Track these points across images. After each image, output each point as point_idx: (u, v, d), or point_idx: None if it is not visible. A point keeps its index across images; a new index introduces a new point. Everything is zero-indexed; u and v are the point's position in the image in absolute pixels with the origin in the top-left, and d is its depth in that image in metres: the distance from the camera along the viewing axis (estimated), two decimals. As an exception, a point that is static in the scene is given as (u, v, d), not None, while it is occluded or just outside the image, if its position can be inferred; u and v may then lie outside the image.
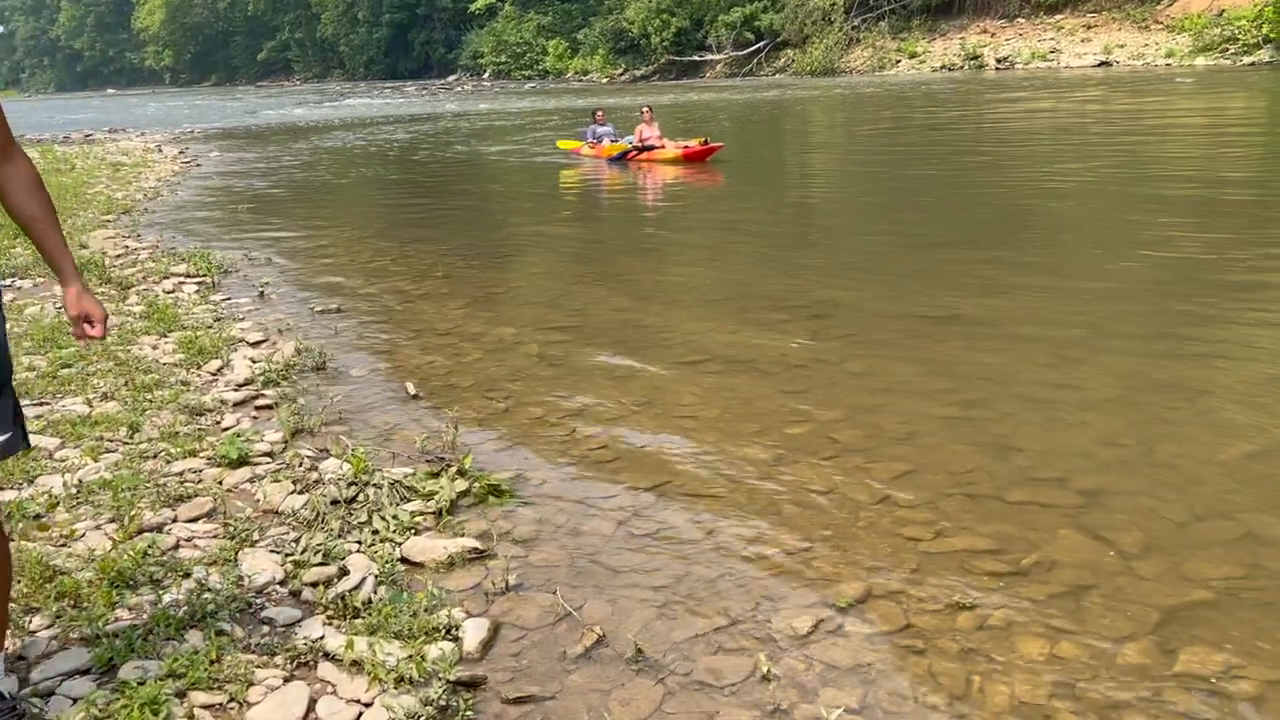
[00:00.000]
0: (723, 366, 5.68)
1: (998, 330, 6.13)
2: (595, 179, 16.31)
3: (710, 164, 16.01)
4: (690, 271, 8.58)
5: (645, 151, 16.83)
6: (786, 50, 50.95)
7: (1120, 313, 6.29)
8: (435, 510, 3.97)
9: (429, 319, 7.23)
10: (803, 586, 3.32)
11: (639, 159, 16.95)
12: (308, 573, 3.46)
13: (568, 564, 3.55)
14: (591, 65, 62.17)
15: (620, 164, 17.07)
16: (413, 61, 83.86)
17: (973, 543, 3.55)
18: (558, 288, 8.14)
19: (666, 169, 16.15)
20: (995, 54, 42.73)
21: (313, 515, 3.94)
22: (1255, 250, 7.87)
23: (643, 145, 16.92)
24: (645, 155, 16.84)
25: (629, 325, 6.75)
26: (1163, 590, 3.19)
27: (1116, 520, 3.66)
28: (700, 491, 4.08)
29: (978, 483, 4.03)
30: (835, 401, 5.04)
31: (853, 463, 4.28)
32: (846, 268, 8.21)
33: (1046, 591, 3.22)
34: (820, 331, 6.24)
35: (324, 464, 4.48)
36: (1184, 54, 35.77)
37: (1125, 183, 11.84)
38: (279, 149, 24.38)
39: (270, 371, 5.79)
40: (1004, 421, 4.68)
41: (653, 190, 14.61)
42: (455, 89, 61.50)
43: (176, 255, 9.75)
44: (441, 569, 3.53)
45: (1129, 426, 4.53)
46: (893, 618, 3.11)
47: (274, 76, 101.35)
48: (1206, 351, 5.51)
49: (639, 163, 16.91)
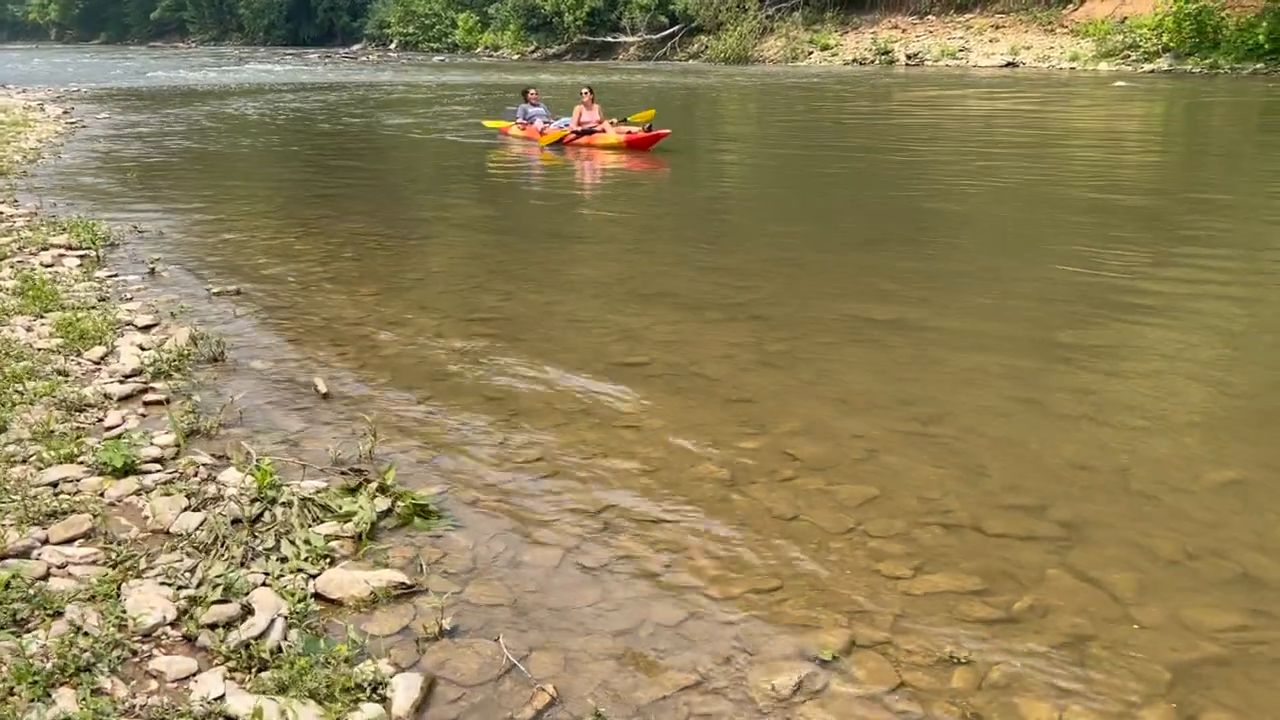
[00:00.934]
0: (664, 369, 5.29)
1: (944, 336, 5.86)
2: (523, 162, 15.43)
3: (654, 153, 14.92)
4: (619, 264, 8.16)
5: (584, 135, 15.73)
6: (701, 36, 50.65)
7: (1071, 321, 6.07)
8: (354, 534, 3.50)
9: (339, 305, 6.67)
10: (778, 634, 2.95)
11: (576, 143, 15.81)
12: (205, 612, 2.97)
13: (510, 603, 3.12)
14: (502, 41, 60.91)
15: (556, 147, 15.98)
16: (315, 29, 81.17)
17: (958, 582, 3.23)
18: (479, 274, 7.64)
19: (606, 155, 15.11)
20: (906, 50, 43.07)
21: (210, 538, 3.43)
22: (1185, 259, 7.79)
23: (581, 129, 15.81)
24: (584, 140, 15.73)
25: (558, 319, 6.31)
26: (1168, 643, 2.91)
27: (1105, 558, 3.39)
28: (652, 516, 3.69)
29: (952, 510, 3.72)
30: (787, 412, 4.69)
31: (814, 484, 3.93)
32: (779, 265, 7.87)
33: (1045, 642, 2.92)
34: (762, 334, 5.88)
35: (223, 474, 3.96)
36: (1088, 59, 36.52)
37: (1050, 184, 11.80)
38: (173, 113, 23.11)
39: (161, 362, 5.21)
40: (966, 439, 4.39)
41: (583, 176, 13.97)
42: (360, 59, 59.67)
43: (57, 224, 8.94)
44: (363, 608, 3.08)
45: (1098, 448, 4.27)
46: (883, 674, 2.76)
47: (168, 37, 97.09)
48: (1172, 368, 5.31)
49: (576, 147, 15.77)
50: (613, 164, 14.36)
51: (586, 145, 15.71)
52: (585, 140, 15.72)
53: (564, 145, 15.92)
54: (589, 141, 15.70)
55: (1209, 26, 33.03)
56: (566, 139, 15.87)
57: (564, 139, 15.89)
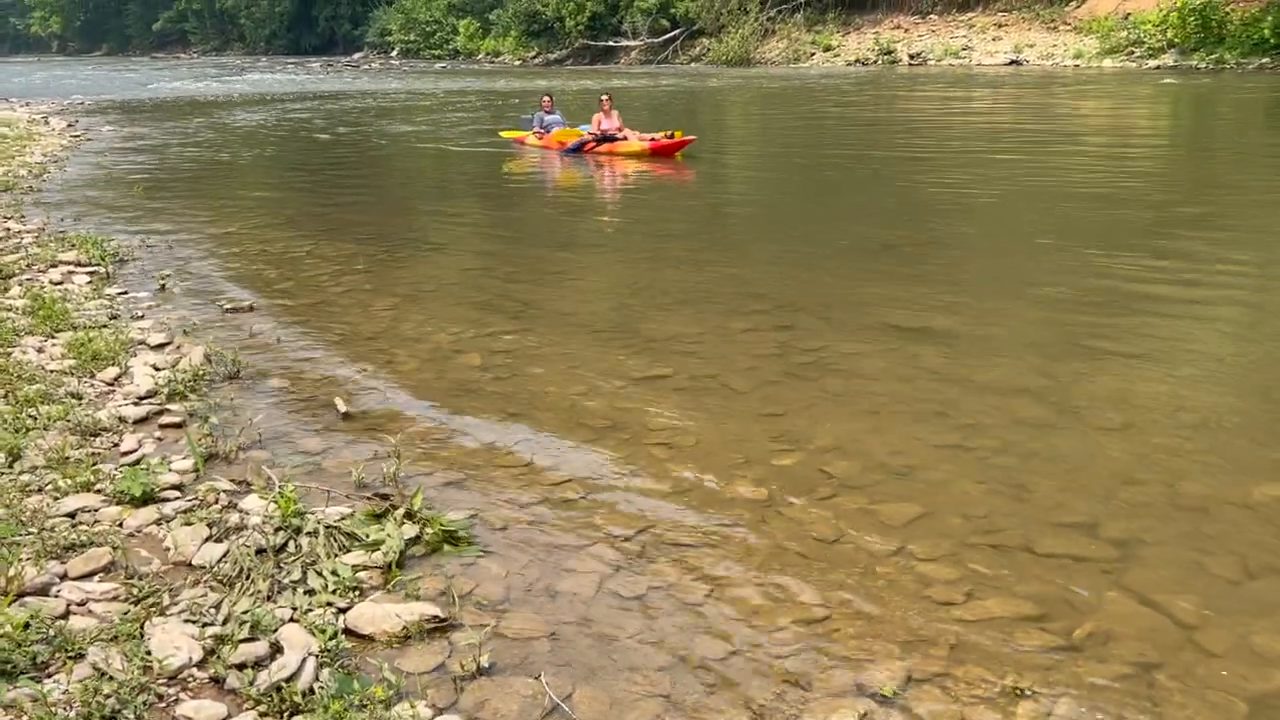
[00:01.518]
0: (690, 382, 5.17)
1: (975, 344, 5.73)
2: (541, 171, 15.04)
3: (680, 159, 14.46)
4: (635, 272, 8.03)
5: (605, 143, 15.17)
6: (702, 39, 50.55)
7: (1100, 325, 5.94)
8: (382, 564, 3.38)
9: (354, 320, 6.56)
10: (831, 667, 2.82)
11: (597, 151, 15.25)
12: (233, 652, 2.84)
13: (548, 636, 3.00)
14: (504, 47, 60.85)
15: (576, 156, 15.40)
16: (317, 37, 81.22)
17: (1013, 607, 3.10)
18: (494, 286, 7.51)
19: (628, 163, 14.55)
20: (909, 49, 42.94)
21: (235, 571, 3.31)
22: (1209, 258, 7.66)
23: (602, 136, 15.25)
24: (605, 147, 15.16)
25: (577, 331, 6.18)
26: (1239, 671, 2.78)
27: (1163, 579, 3.26)
28: (689, 539, 3.56)
29: (999, 529, 3.60)
30: (820, 427, 4.56)
31: (855, 503, 3.81)
32: (797, 271, 7.75)
33: (1109, 673, 2.79)
34: (786, 344, 5.76)
35: (245, 501, 3.84)
36: (1091, 55, 36.36)
37: (1065, 183, 11.66)
38: (178, 124, 23.04)
39: (176, 382, 5.10)
40: (1008, 452, 4.26)
41: (595, 183, 13.76)
42: (362, 67, 59.66)
43: (66, 240, 8.85)
44: (396, 644, 2.95)
45: (1142, 460, 4.14)
46: (945, 711, 2.63)
47: (170, 48, 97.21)
48: (1208, 372, 5.18)
49: (597, 155, 15.21)
50: (627, 171, 14.02)
51: (608, 153, 15.16)
52: (607, 148, 15.19)
53: (584, 154, 15.41)
54: (611, 149, 15.15)
55: (1214, 21, 32.86)
56: (587, 146, 15.37)
57: (584, 145, 15.39)
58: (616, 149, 15.07)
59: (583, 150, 15.41)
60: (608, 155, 15.12)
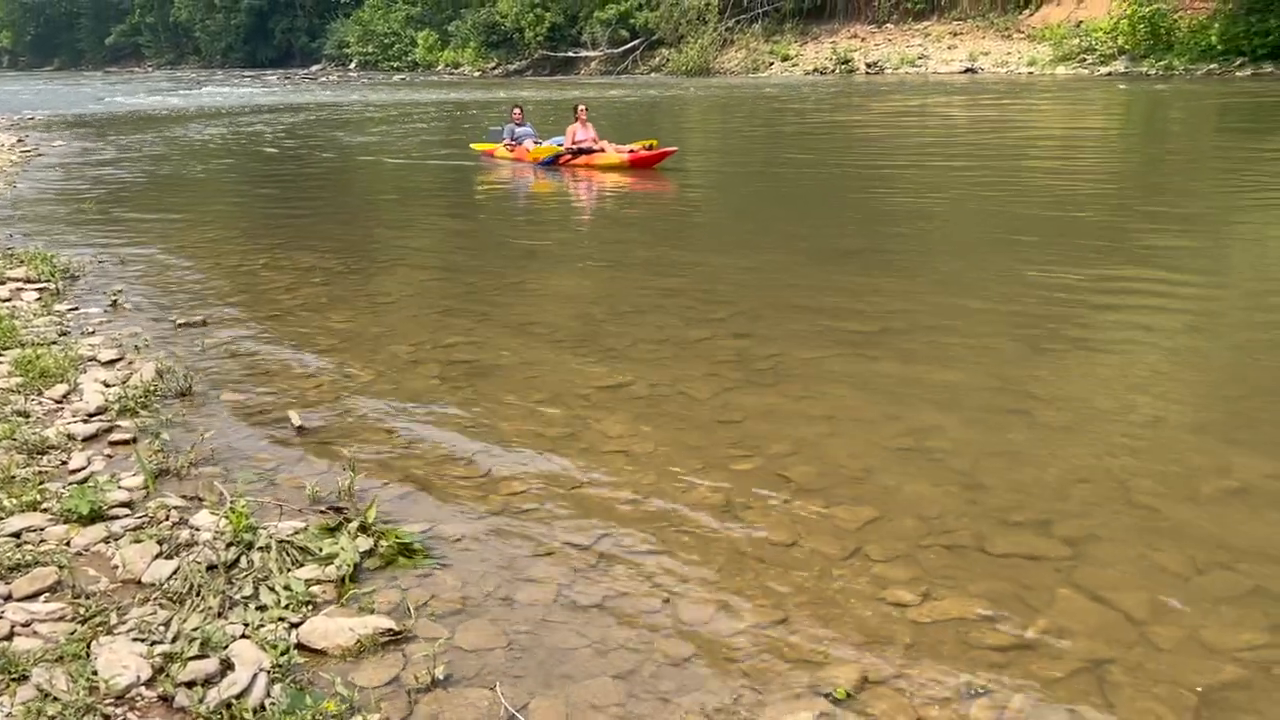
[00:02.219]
0: (648, 390, 5.16)
1: (930, 347, 5.77)
2: (506, 183, 14.80)
3: (658, 171, 14.12)
4: (594, 282, 8.03)
5: (581, 156, 14.70)
6: (662, 49, 50.77)
7: (1053, 327, 6.01)
8: (336, 578, 3.35)
9: (309, 333, 6.50)
10: (787, 669, 2.83)
11: (573, 164, 14.79)
12: (182, 669, 2.80)
13: (504, 646, 2.98)
14: (463, 58, 60.79)
15: (550, 169, 14.95)
16: (274, 50, 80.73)
17: (967, 608, 3.12)
18: (452, 297, 7.48)
19: (606, 176, 14.14)
20: (866, 59, 43.39)
21: (185, 588, 3.26)
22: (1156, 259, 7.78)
23: (578, 148, 14.78)
24: (582, 160, 14.69)
25: (536, 341, 6.16)
26: (1189, 665, 2.81)
27: (1114, 576, 3.29)
28: (647, 547, 3.56)
29: (953, 530, 3.62)
30: (777, 432, 4.57)
31: (813, 507, 3.82)
32: (756, 279, 7.78)
33: (1063, 669, 2.81)
34: (745, 351, 5.78)
35: (196, 517, 3.79)
36: (1045, 63, 36.94)
37: (1018, 187, 11.81)
38: (131, 139, 22.76)
39: (127, 398, 5.03)
40: (960, 453, 4.30)
41: (557, 195, 13.69)
42: (320, 79, 59.36)
43: (14, 257, 8.69)
44: (349, 658, 2.92)
45: (1094, 459, 4.19)
46: (899, 711, 2.64)
47: (124, 62, 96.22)
48: (1159, 372, 5.25)
49: (574, 168, 14.78)
50: (601, 184, 13.73)
51: (585, 166, 14.74)
52: (583, 160, 14.74)
53: (559, 166, 14.96)
54: (588, 162, 14.71)
55: (1162, 29, 33.49)
56: (562, 159, 14.91)
57: (559, 158, 14.94)
58: (594, 161, 14.66)
59: (558, 163, 14.98)
60: (585, 168, 14.72)
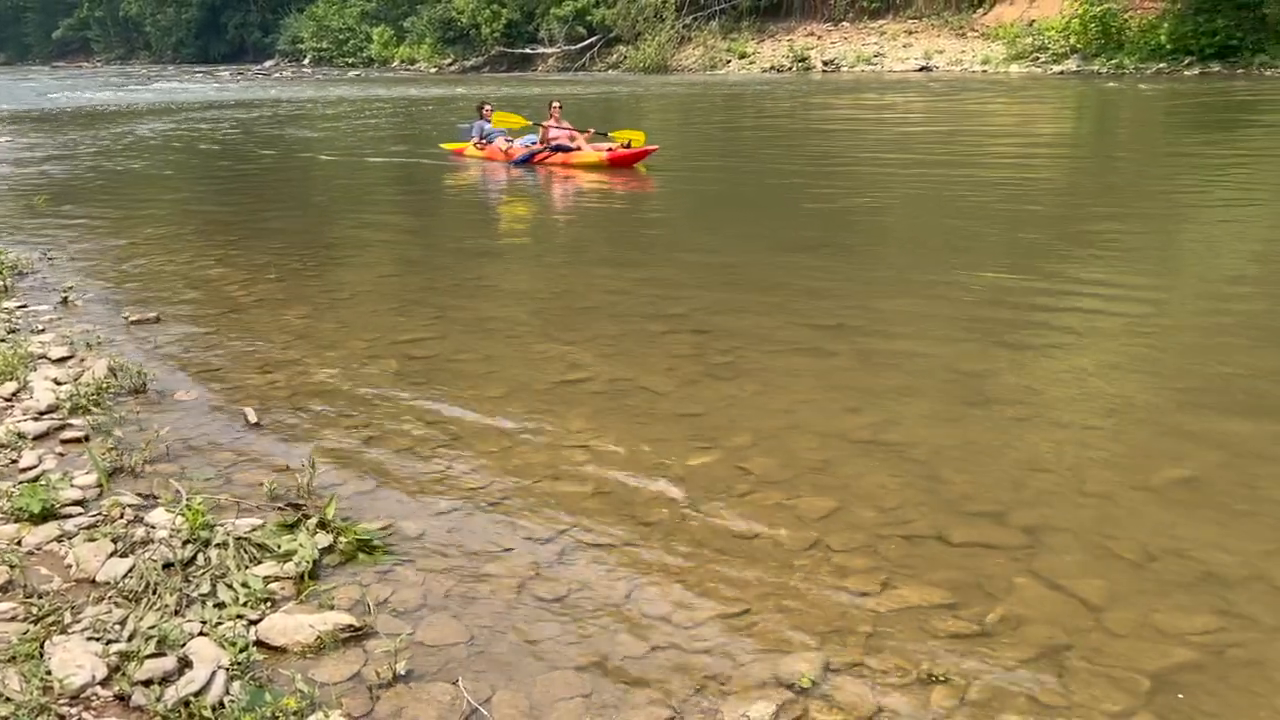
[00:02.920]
0: (607, 385, 5.16)
1: (887, 341, 5.83)
2: (470, 182, 14.36)
3: (638, 170, 13.61)
4: (553, 278, 8.01)
5: (558, 153, 14.16)
6: (619, 46, 50.71)
7: (1008, 321, 6.08)
8: (295, 574, 3.31)
9: (265, 329, 6.42)
10: (750, 660, 2.84)
11: (550, 162, 14.23)
12: (138, 668, 2.76)
13: (466, 641, 2.96)
14: (419, 54, 60.29)
15: (525, 168, 14.38)
16: (226, 45, 79.62)
17: (926, 596, 3.15)
18: (410, 292, 7.43)
19: (583, 176, 13.61)
20: (822, 56, 43.60)
21: (141, 586, 3.21)
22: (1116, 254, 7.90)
23: (555, 145, 14.23)
24: (558, 158, 14.13)
25: (495, 336, 6.14)
26: (1143, 650, 2.86)
27: (1070, 563, 3.34)
28: (609, 540, 3.56)
29: (912, 520, 3.66)
30: (737, 425, 4.60)
31: (772, 499, 3.84)
32: (715, 274, 7.80)
33: (1021, 655, 2.85)
34: (704, 345, 5.79)
35: (151, 515, 3.73)
36: (999, 61, 37.34)
37: (970, 184, 11.93)
38: (81, 135, 22.35)
39: (79, 396, 4.94)
40: (918, 445, 4.34)
41: (523, 193, 13.52)
42: (274, 75, 58.60)
43: (-41, 254, 8.51)
44: (309, 654, 2.89)
45: (1050, 450, 4.25)
46: (861, 699, 2.66)
47: (72, 56, 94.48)
48: (1112, 364, 5.33)
49: (549, 167, 14.22)
50: (574, 183, 13.32)
51: (562, 164, 14.18)
52: (560, 159, 14.21)
53: (534, 165, 14.40)
54: (565, 160, 14.16)
55: (1113, 28, 33.99)
56: (537, 157, 14.34)
57: (534, 157, 14.36)
58: (571, 160, 14.15)
59: (532, 162, 14.46)
60: (561, 167, 14.22)
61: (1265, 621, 2.98)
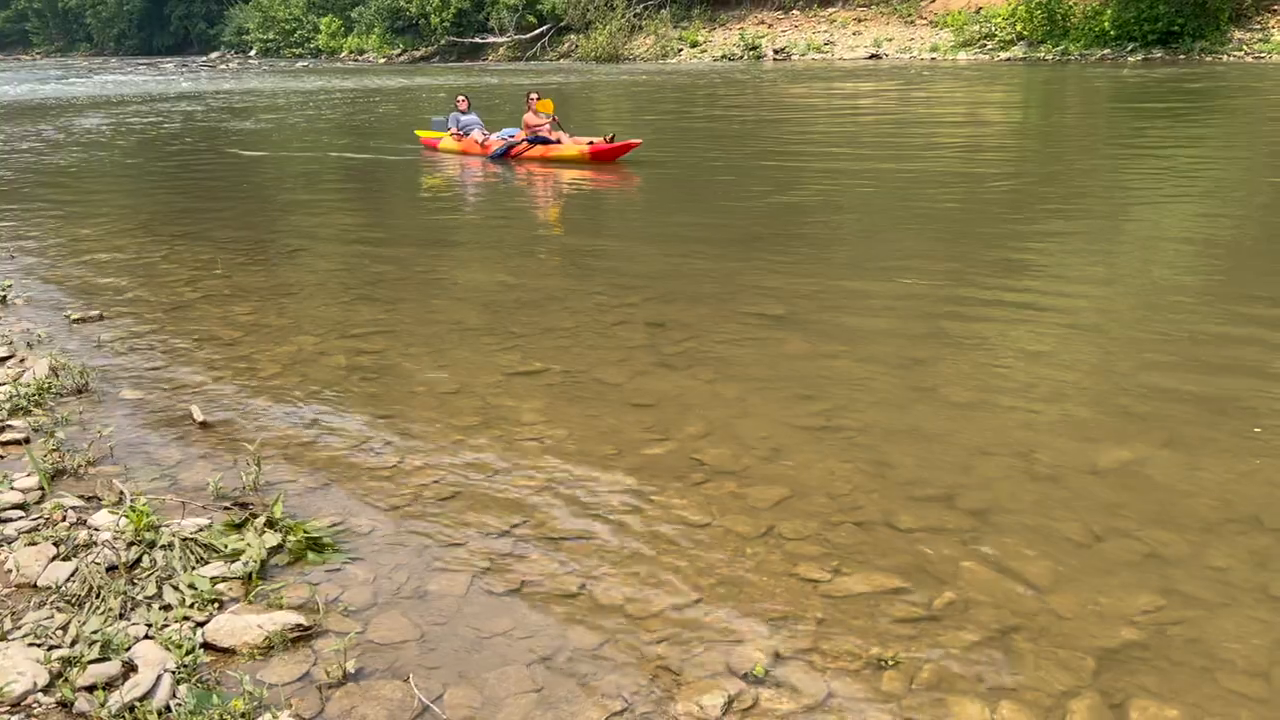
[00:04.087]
0: (560, 378, 5.15)
1: (838, 329, 5.86)
2: (421, 174, 13.98)
3: (621, 164, 13.10)
4: (504, 270, 7.95)
5: (537, 146, 13.61)
6: (570, 35, 50.51)
7: (956, 307, 6.15)
8: (242, 574, 3.27)
9: (211, 326, 6.33)
10: (703, 650, 2.85)
11: (528, 156, 13.68)
12: (82, 674, 2.71)
13: (417, 638, 2.95)
14: (367, 45, 59.70)
15: (502, 162, 13.84)
16: (170, 37, 78.32)
17: (876, 582, 3.18)
18: (359, 286, 7.34)
19: (563, 171, 13.12)
20: (773, 45, 43.74)
21: (84, 590, 3.16)
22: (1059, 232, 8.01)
23: (531, 138, 13.68)
24: (538, 152, 13.58)
25: (446, 329, 6.10)
26: (1088, 630, 2.91)
27: (1016, 546, 3.39)
28: (562, 532, 3.55)
29: (863, 506, 3.69)
30: (690, 415, 4.60)
31: (725, 488, 3.85)
32: (666, 264, 7.79)
33: (969, 638, 2.88)
34: (656, 336, 5.80)
35: (94, 517, 3.67)
36: (947, 48, 37.68)
37: (920, 171, 12.03)
38: (19, 129, 21.84)
39: (19, 397, 4.84)
40: (868, 432, 4.38)
41: (473, 184, 13.44)
42: (219, 67, 57.70)
43: (-107, 253, 8.30)
44: (258, 655, 2.86)
45: (996, 434, 4.31)
46: (812, 685, 2.68)
47: (9, 49, 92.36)
48: (1056, 349, 5.41)
49: (528, 161, 13.69)
50: (551, 177, 12.91)
51: (540, 159, 13.64)
52: (539, 153, 13.62)
53: (512, 159, 13.83)
54: (544, 154, 13.59)
55: (1058, 15, 34.44)
56: (515, 150, 13.76)
57: (512, 151, 13.79)
58: (550, 154, 13.59)
59: (510, 155, 13.89)
60: (540, 161, 13.68)
61: (1206, 599, 3.05)
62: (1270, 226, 8.51)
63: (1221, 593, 3.08)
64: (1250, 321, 5.73)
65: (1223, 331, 5.59)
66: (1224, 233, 8.23)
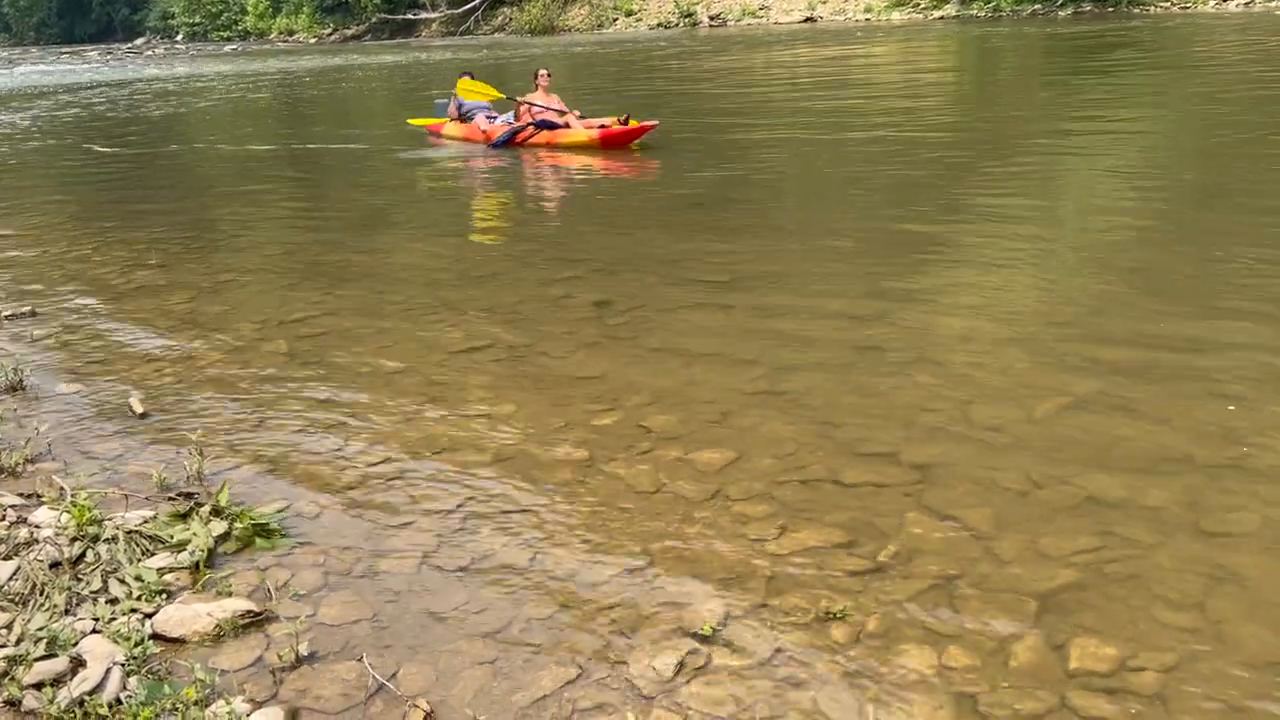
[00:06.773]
0: (506, 353, 5.14)
1: (781, 293, 5.91)
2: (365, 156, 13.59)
3: (635, 150, 11.83)
4: (444, 249, 7.91)
5: (543, 131, 12.44)
6: (504, 8, 49.98)
7: (896, 267, 6.22)
8: (190, 564, 3.24)
9: (148, 317, 6.22)
10: (654, 613, 2.88)
11: (533, 142, 12.51)
12: (28, 671, 2.68)
13: (369, 618, 2.94)
14: (297, 25, 58.63)
15: (505, 149, 12.63)
16: (92, 24, 76.25)
17: (823, 537, 3.23)
18: (299, 271, 7.26)
19: (572, 158, 11.91)
20: (708, 11, 43.62)
21: (27, 588, 3.11)
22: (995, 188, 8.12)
23: (538, 121, 12.50)
24: (544, 137, 12.41)
25: (389, 311, 6.05)
26: (1029, 574, 2.98)
27: (958, 496, 3.46)
28: (512, 506, 3.56)
29: (808, 465, 3.74)
30: (636, 384, 4.62)
31: (672, 454, 3.88)
32: (607, 235, 7.80)
33: (914, 588, 2.94)
34: (604, 306, 5.80)
35: (35, 515, 3.61)
36: (881, 9, 37.87)
37: (858, 133, 12.11)
38: (-62, 124, 21.21)
39: (-50, 398, 4.73)
40: (813, 393, 4.42)
41: (416, 163, 13.21)
42: (145, 53, 56.37)
43: None
44: (209, 643, 2.84)
45: (937, 389, 4.37)
46: (762, 641, 2.73)
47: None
48: (994, 303, 5.49)
49: (533, 147, 12.53)
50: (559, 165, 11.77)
51: (547, 144, 12.46)
52: (545, 138, 12.46)
53: (516, 146, 12.66)
54: (550, 139, 12.42)
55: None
56: (520, 136, 12.59)
57: (517, 136, 12.61)
58: (557, 140, 12.40)
59: (513, 142, 12.69)
60: (547, 148, 12.47)
61: (1141, 539, 3.13)
62: (1205, 170, 8.70)
63: (1156, 531, 3.17)
64: (1186, 262, 5.86)
65: (1157, 278, 5.71)
66: (1157, 184, 8.39)
